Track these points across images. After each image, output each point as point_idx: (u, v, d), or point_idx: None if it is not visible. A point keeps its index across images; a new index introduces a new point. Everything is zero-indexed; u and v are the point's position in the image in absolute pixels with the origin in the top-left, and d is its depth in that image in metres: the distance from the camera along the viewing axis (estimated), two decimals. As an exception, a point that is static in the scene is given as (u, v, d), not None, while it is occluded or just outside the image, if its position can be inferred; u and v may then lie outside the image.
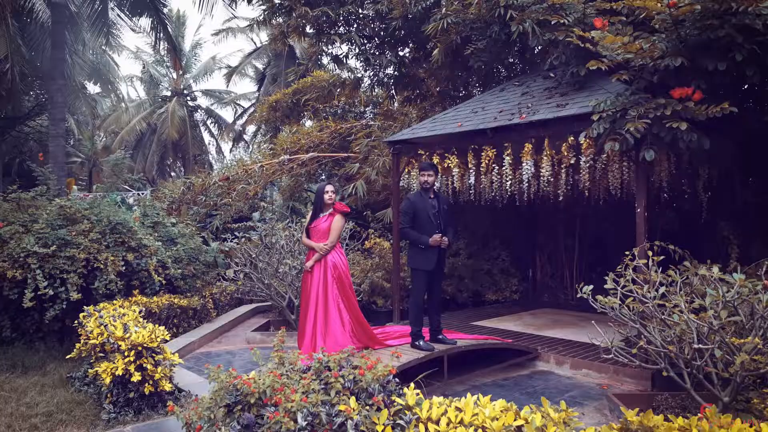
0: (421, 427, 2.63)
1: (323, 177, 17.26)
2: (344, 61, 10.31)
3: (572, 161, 6.25)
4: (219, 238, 11.35)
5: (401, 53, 9.34)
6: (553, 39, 5.95)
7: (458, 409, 2.68)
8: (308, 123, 16.13)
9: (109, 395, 4.63)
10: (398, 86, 10.03)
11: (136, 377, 4.49)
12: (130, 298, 6.63)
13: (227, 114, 37.47)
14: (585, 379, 5.71)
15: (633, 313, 4.48)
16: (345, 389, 2.94)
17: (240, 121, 28.02)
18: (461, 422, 2.62)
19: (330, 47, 10.02)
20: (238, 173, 12.66)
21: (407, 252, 5.54)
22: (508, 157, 6.67)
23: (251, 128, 28.62)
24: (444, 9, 7.67)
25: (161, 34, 14.05)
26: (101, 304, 6.02)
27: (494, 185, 6.96)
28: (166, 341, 5.09)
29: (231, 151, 28.87)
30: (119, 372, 4.47)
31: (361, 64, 10.57)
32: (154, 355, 4.68)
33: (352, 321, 5.35)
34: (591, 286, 4.79)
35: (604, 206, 8.18)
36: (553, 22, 5.78)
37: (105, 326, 4.99)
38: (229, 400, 3.03)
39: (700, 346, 3.80)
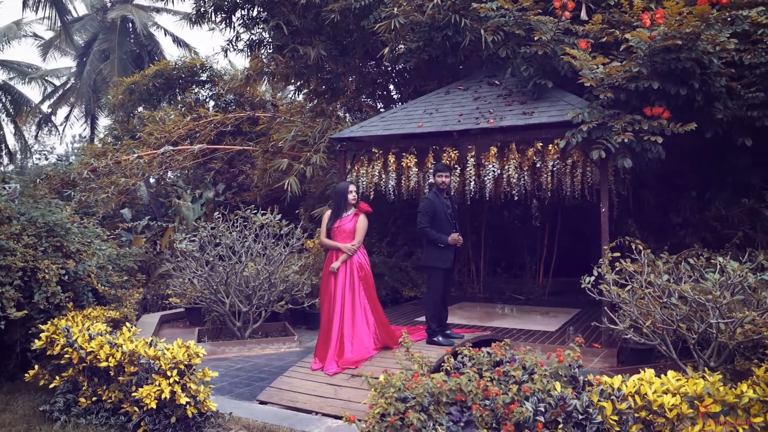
0: (630, 399, 2.98)
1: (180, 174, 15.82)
2: (256, 48, 9.75)
3: (536, 164, 6.92)
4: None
5: (323, 48, 9.11)
6: (529, 52, 6.49)
7: (645, 381, 3.05)
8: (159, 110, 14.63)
9: (142, 423, 3.93)
10: (316, 79, 9.79)
11: (182, 399, 3.91)
12: (77, 312, 5.55)
13: (31, 93, 31.76)
14: (560, 361, 6.37)
15: (634, 299, 5.22)
16: (546, 376, 3.07)
17: (49, 102, 24.12)
18: (655, 392, 2.99)
19: (248, 32, 9.39)
20: (108, 165, 11.10)
21: (424, 252, 5.61)
22: (471, 159, 7.09)
23: (63, 111, 24.95)
24: (395, 8, 7.75)
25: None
26: (61, 321, 4.98)
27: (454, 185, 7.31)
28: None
29: (36, 137, 24.68)
30: (165, 395, 3.84)
31: (267, 51, 10.07)
32: (195, 373, 4.11)
33: (376, 322, 5.27)
34: (592, 278, 5.45)
35: (507, 205, 9.04)
36: (536, 38, 6.31)
37: (113, 345, 4.19)
38: (425, 403, 2.92)
39: (719, 321, 4.62)
